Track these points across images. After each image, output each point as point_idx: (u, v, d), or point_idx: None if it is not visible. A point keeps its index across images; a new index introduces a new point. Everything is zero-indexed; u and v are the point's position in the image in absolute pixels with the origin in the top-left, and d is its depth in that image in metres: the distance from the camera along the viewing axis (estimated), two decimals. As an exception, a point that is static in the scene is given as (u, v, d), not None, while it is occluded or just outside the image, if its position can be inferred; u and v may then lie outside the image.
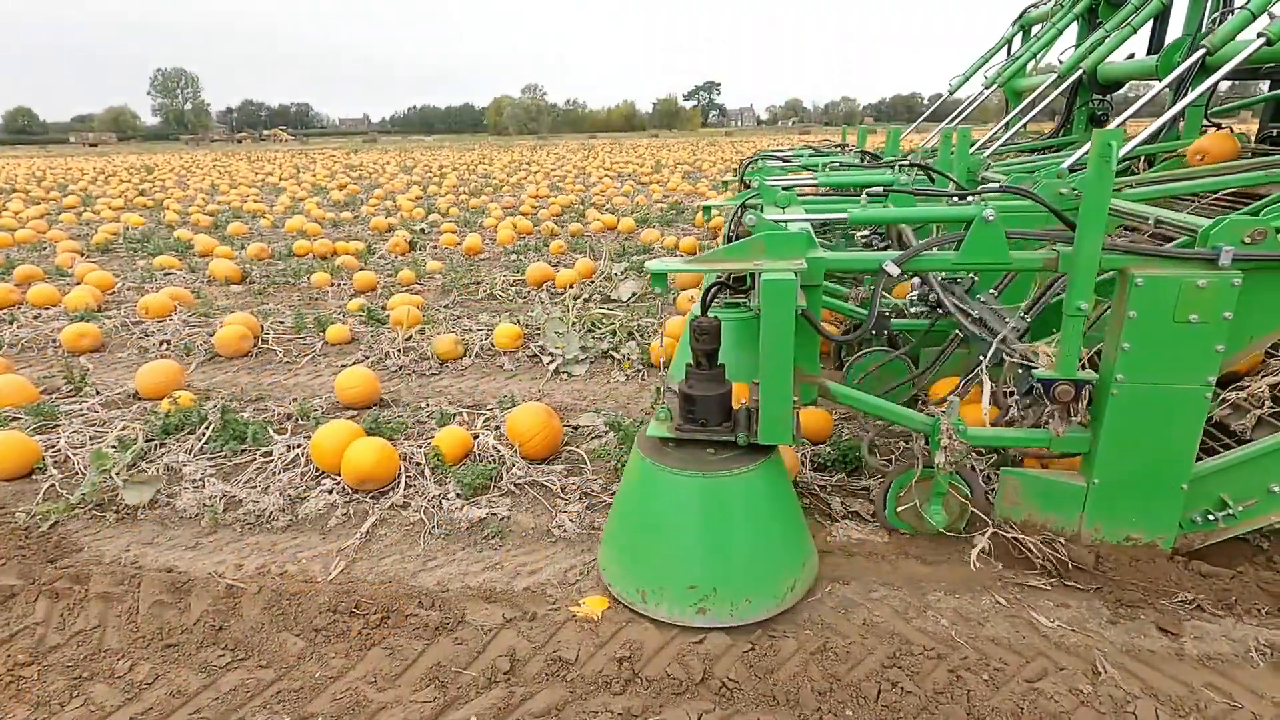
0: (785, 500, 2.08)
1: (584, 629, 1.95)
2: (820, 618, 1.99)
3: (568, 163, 24.81)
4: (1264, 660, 1.79)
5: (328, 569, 2.27)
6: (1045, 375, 2.01)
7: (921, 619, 1.97)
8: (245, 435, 3.10)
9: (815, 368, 2.24)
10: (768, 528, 2.01)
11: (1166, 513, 2.06)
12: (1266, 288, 1.90)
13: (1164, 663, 1.80)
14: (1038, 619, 1.95)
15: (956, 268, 2.10)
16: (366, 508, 2.62)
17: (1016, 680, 1.75)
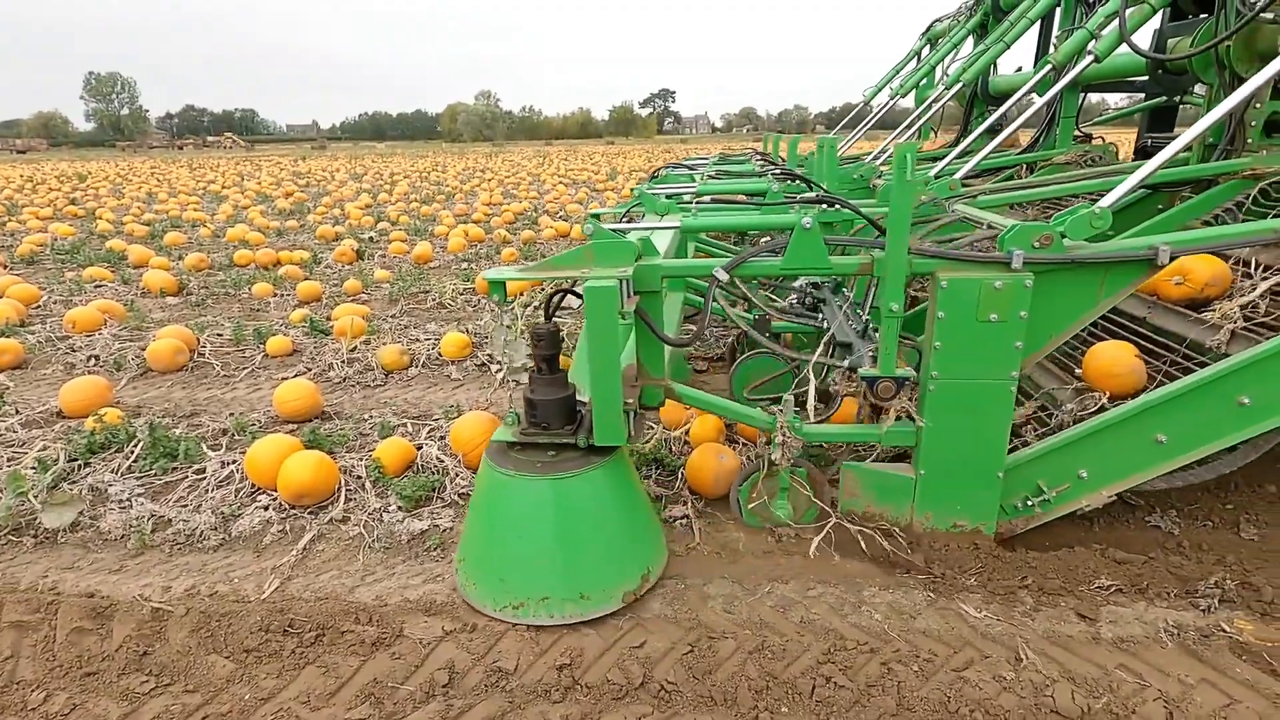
0: (625, 499, 2.12)
1: (525, 638, 1.94)
2: (759, 616, 2.02)
3: (522, 170, 24.68)
4: (1172, 641, 1.89)
5: (261, 588, 2.21)
6: (869, 373, 2.13)
7: (856, 614, 2.02)
8: (176, 452, 2.99)
9: (660, 371, 2.32)
10: (605, 526, 2.06)
11: (986, 500, 2.19)
12: (1057, 288, 2.04)
13: (1081, 647, 1.88)
14: (966, 610, 2.02)
15: (782, 272, 2.18)
16: (304, 523, 2.56)
17: (945, 670, 1.81)
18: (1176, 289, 2.51)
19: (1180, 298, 2.53)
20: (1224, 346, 2.24)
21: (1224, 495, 2.61)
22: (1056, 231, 1.99)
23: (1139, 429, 2.11)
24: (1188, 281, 2.46)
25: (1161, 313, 2.61)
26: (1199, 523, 2.46)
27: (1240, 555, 2.24)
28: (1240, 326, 2.23)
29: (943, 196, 3.07)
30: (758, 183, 4.07)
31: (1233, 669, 1.79)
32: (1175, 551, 2.29)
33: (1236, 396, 2.02)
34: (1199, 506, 2.54)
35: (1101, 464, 2.16)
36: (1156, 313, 2.63)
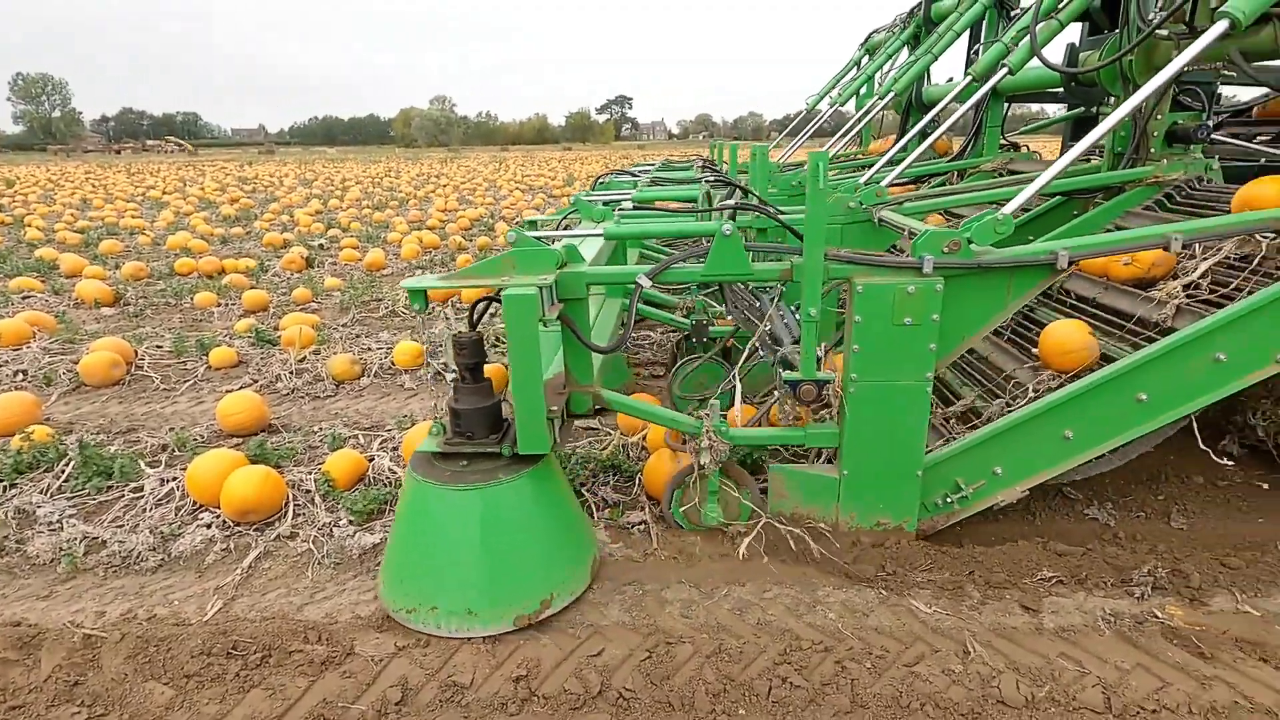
0: (551, 507, 2.12)
1: (480, 650, 1.91)
2: (716, 619, 2.03)
3: (478, 175, 24.44)
4: (1109, 628, 1.97)
5: (203, 609, 2.12)
6: (791, 377, 2.18)
7: (812, 614, 2.05)
8: (111, 470, 2.86)
9: (588, 377, 2.34)
10: (531, 535, 2.05)
11: (907, 498, 2.26)
12: (968, 291, 2.12)
13: (1025, 638, 1.95)
14: (916, 606, 2.06)
15: (704, 278, 2.21)
16: (249, 541, 2.47)
17: (897, 666, 1.85)
18: (1125, 269, 2.61)
19: (1129, 277, 2.64)
20: (1169, 321, 2.34)
21: (1155, 487, 2.74)
22: (964, 237, 2.06)
23: (1048, 426, 2.19)
24: (1135, 262, 2.56)
25: (1112, 292, 2.72)
26: (1133, 514, 2.57)
27: (1171, 544, 2.35)
28: (1184, 303, 2.33)
29: (869, 203, 3.16)
30: (693, 189, 4.10)
31: (1165, 653, 1.87)
32: (1111, 542, 2.38)
33: (1135, 393, 2.13)
34: (1133, 498, 2.66)
35: (1015, 460, 2.24)
36: (1107, 292, 2.74)
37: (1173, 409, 2.14)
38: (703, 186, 3.98)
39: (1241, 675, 1.79)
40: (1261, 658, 1.84)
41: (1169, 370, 2.11)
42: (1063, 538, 2.37)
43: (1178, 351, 2.09)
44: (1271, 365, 2.08)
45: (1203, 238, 2.16)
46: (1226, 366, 2.09)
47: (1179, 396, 2.13)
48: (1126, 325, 2.47)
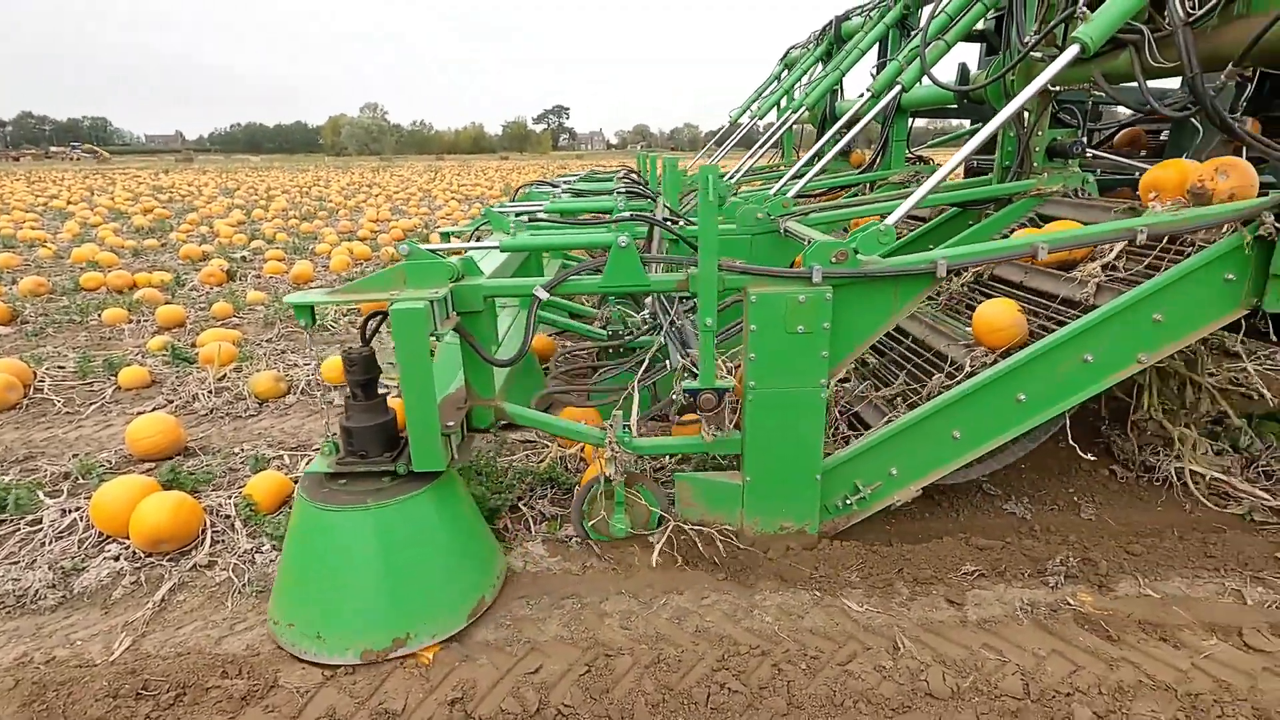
0: (451, 524, 2.08)
1: (413, 675, 1.85)
2: (655, 629, 2.03)
3: (413, 185, 23.92)
4: (1027, 617, 2.07)
5: (110, 648, 1.98)
6: (690, 385, 2.21)
7: (749, 619, 2.08)
8: (5, 503, 2.64)
9: (489, 391, 2.33)
10: (432, 552, 2.01)
11: (807, 502, 2.32)
12: (856, 299, 2.20)
13: (951, 631, 2.02)
14: (849, 605, 2.12)
15: (601, 290, 2.25)
16: (162, 572, 2.33)
17: (831, 665, 1.89)
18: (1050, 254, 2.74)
19: (1051, 261, 2.76)
20: (1091, 299, 2.46)
21: (1067, 481, 2.90)
22: (851, 248, 2.14)
23: (938, 427, 2.29)
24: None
25: (1036, 275, 2.85)
26: (1047, 507, 2.72)
27: (1081, 534, 2.49)
28: (1103, 281, 2.46)
29: (776, 214, 3.25)
30: (605, 201, 4.12)
31: (1077, 638, 1.98)
32: (1028, 535, 2.51)
33: (1015, 394, 2.25)
34: (1046, 492, 2.81)
35: (909, 461, 2.33)
36: (1032, 275, 2.87)
37: (1049, 408, 2.27)
38: (616, 198, 4.01)
39: (1145, 655, 1.91)
40: (1161, 638, 1.97)
41: (1044, 371, 2.23)
42: (984, 533, 2.48)
43: (1051, 354, 2.22)
44: (1134, 364, 2.23)
45: (1064, 246, 2.30)
46: (1094, 367, 2.22)
47: (1054, 396, 2.26)
48: (1051, 305, 2.60)
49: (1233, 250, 2.14)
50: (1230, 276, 2.16)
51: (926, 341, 2.94)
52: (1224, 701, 1.73)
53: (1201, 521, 2.55)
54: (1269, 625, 2.00)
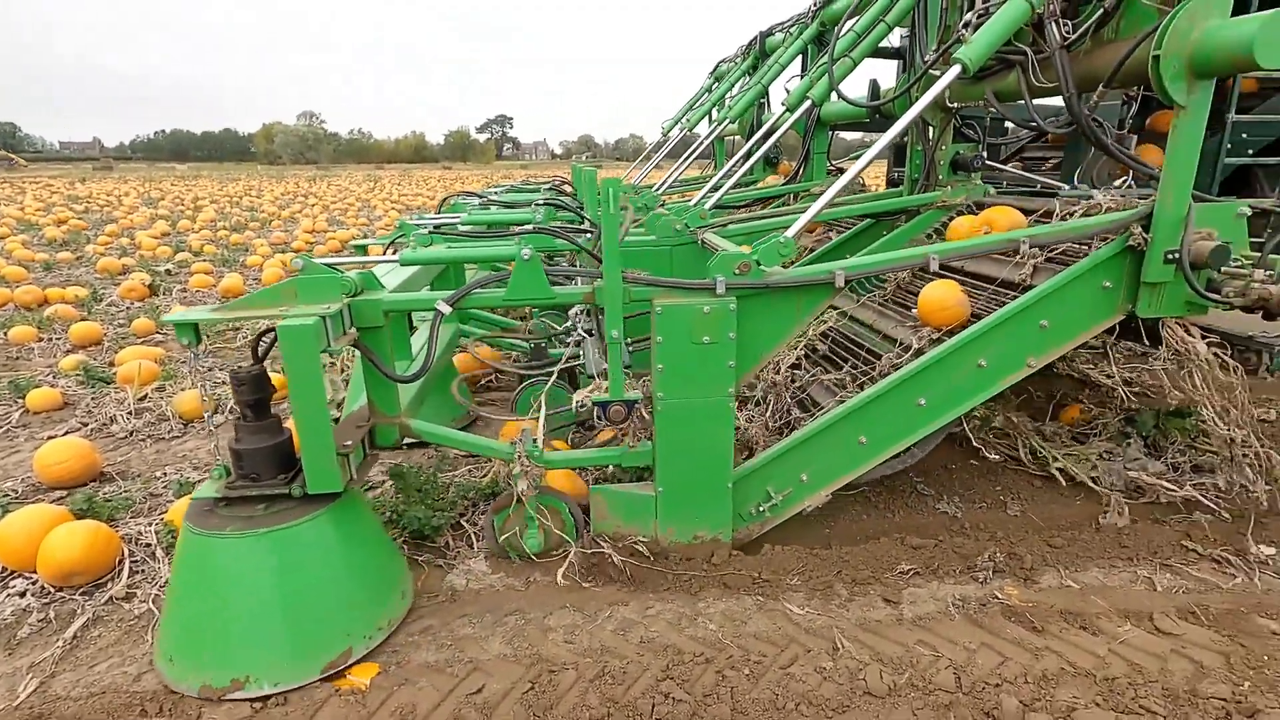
0: (353, 546, 2.02)
1: (349, 702, 1.79)
2: (600, 642, 2.02)
3: (351, 195, 23.32)
4: (958, 613, 2.15)
5: (14, 692, 1.84)
6: (600, 398, 2.22)
7: (693, 626, 2.09)
8: (-107, 539, 2.43)
9: (393, 408, 2.29)
10: (332, 577, 1.94)
11: (720, 510, 2.35)
12: (761, 309, 2.26)
13: (888, 629, 2.08)
14: (790, 609, 2.16)
15: (506, 303, 2.24)
16: (74, 607, 2.18)
17: (774, 669, 1.91)
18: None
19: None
20: (1029, 279, 2.54)
21: (995, 479, 3.03)
22: (753, 260, 2.19)
23: (845, 432, 2.36)
24: (994, 230, 2.80)
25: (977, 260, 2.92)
26: (976, 505, 2.83)
27: (1007, 530, 2.61)
28: (1040, 263, 2.55)
29: (695, 225, 3.30)
30: (527, 213, 4.09)
31: (1004, 630, 2.06)
32: (959, 533, 2.61)
33: (916, 399, 2.34)
34: (976, 491, 2.93)
35: (818, 466, 2.39)
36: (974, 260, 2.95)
37: (949, 411, 2.37)
38: (535, 210, 3.98)
39: (1066, 644, 2.00)
40: (1081, 626, 2.07)
41: (941, 377, 2.33)
42: (918, 532, 2.57)
43: (948, 360, 2.32)
44: (1024, 368, 2.35)
45: (953, 257, 2.39)
46: (988, 371, 2.34)
47: (952, 400, 2.36)
48: (990, 286, 2.70)
49: (1108, 260, 2.28)
50: (1107, 284, 2.31)
51: (875, 325, 3.04)
52: (1137, 684, 1.84)
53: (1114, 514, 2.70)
54: (1176, 610, 2.13)
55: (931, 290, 2.65)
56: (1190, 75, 2.02)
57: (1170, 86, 2.02)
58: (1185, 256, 2.15)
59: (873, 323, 3.05)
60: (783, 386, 2.78)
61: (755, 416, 2.83)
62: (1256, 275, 2.07)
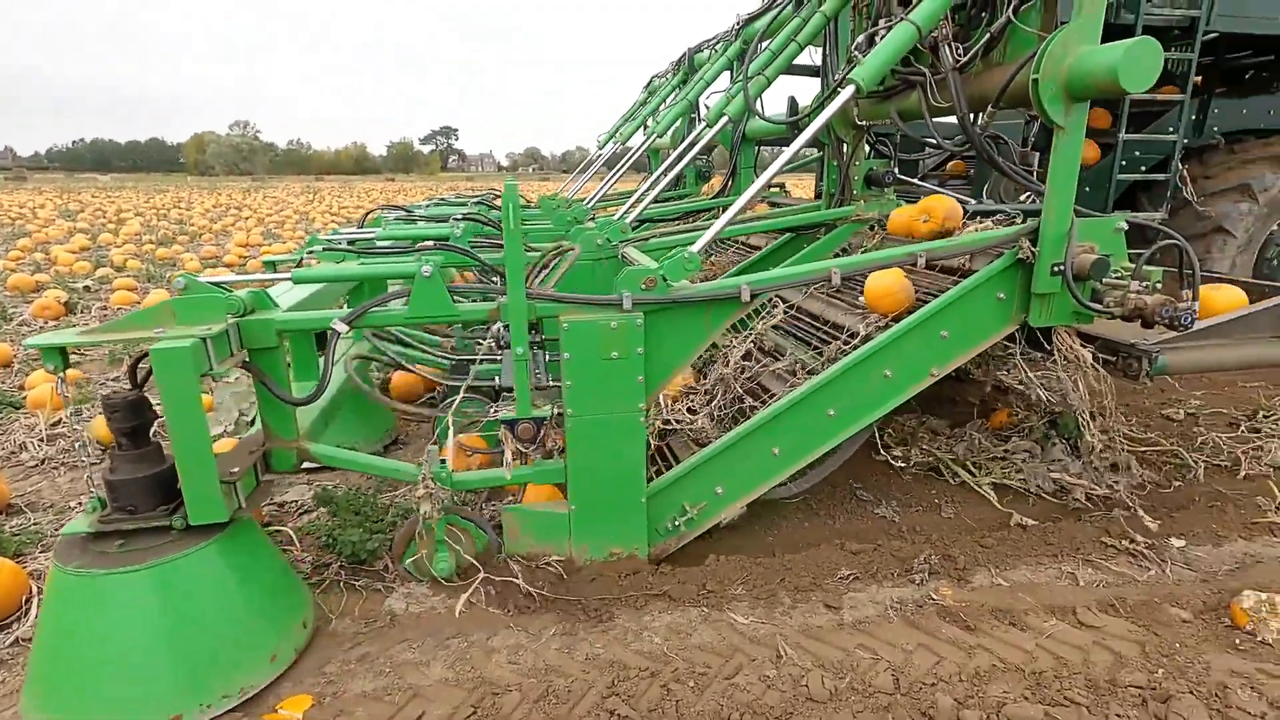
0: (245, 577, 1.95)
1: (279, 738, 1.71)
2: (544, 661, 1.99)
3: (289, 207, 22.61)
4: (896, 615, 2.20)
5: (-95, 745, 1.70)
6: (508, 416, 2.20)
7: (639, 641, 2.08)
8: None
9: (290, 431, 2.24)
10: (222, 611, 1.86)
11: (635, 526, 2.34)
12: (669, 324, 2.28)
13: (829, 634, 2.12)
14: (735, 619, 2.17)
15: (408, 321, 2.21)
16: (-26, 651, 2.03)
17: (718, 680, 1.92)
18: (925, 225, 2.95)
19: (929, 232, 2.96)
20: (968, 264, 2.64)
21: (930, 483, 3.13)
22: (659, 275, 2.21)
23: (759, 443, 2.39)
24: (932, 219, 2.91)
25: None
26: (912, 509, 2.92)
27: (942, 532, 2.70)
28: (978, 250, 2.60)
29: (616, 239, 3.31)
30: (441, 228, 3.99)
31: (940, 630, 2.13)
32: (897, 536, 2.68)
33: (826, 409, 2.40)
34: (912, 495, 3.02)
35: (734, 479, 2.41)
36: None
37: (858, 420, 2.44)
38: (455, 225, 3.90)
39: (997, 640, 2.08)
40: (1011, 623, 2.16)
41: (850, 387, 2.40)
42: (857, 537, 2.63)
43: (856, 370, 2.38)
44: (928, 377, 2.44)
45: (855, 271, 2.46)
46: (894, 381, 2.42)
47: (861, 410, 2.43)
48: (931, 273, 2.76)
49: (1001, 272, 2.40)
50: (1001, 296, 2.42)
51: (824, 315, 3.11)
52: (1063, 676, 1.92)
53: (1041, 513, 2.83)
54: (1097, 603, 2.24)
55: (877, 279, 2.73)
56: (1067, 98, 2.14)
57: (1049, 108, 2.14)
58: (1069, 269, 2.28)
59: (821, 313, 3.12)
60: (732, 377, 2.80)
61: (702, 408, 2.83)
62: (1132, 286, 2.21)
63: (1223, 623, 2.14)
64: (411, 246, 3.32)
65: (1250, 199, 4.32)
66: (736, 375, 2.83)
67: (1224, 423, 3.67)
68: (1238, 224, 4.34)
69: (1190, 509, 2.82)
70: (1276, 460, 3.18)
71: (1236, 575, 2.40)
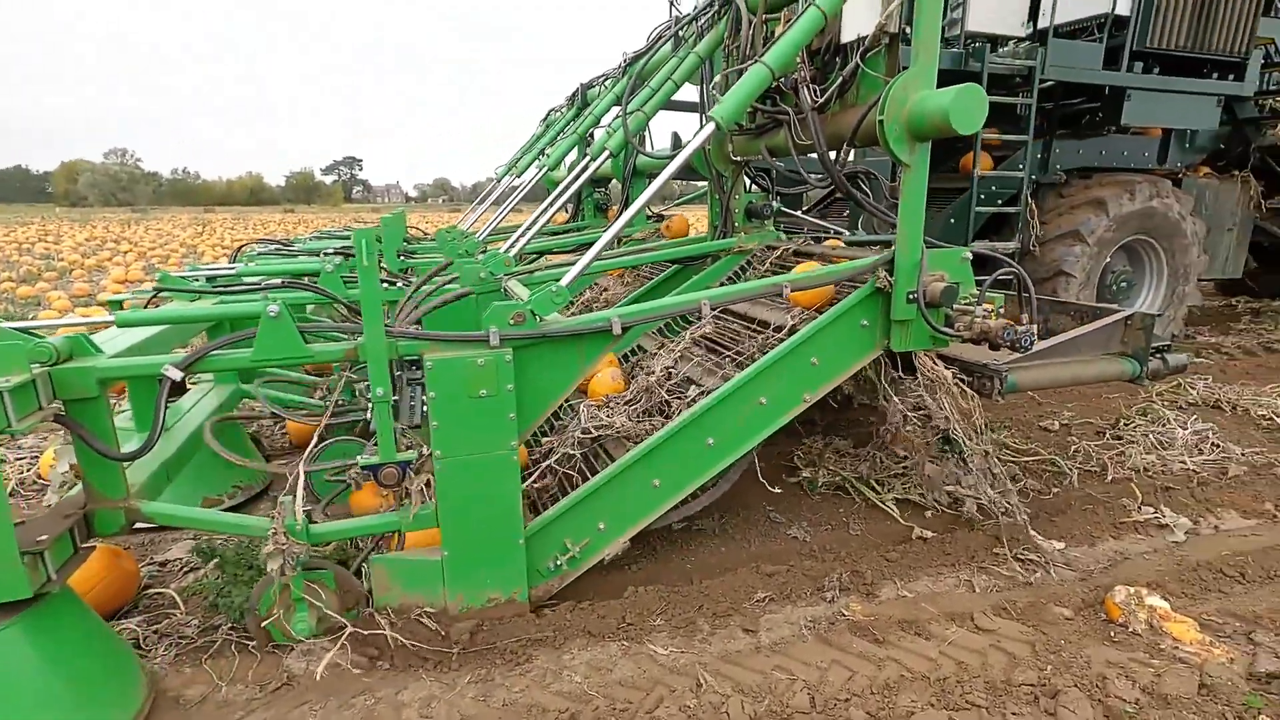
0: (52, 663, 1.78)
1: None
2: (459, 711, 1.91)
3: (174, 240, 21.17)
4: (810, 634, 2.25)
5: None
6: (369, 461, 2.08)
7: (559, 681, 2.03)
8: None
9: (117, 490, 2.08)
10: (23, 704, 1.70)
11: (513, 569, 2.26)
12: (542, 359, 2.26)
13: (747, 659, 2.14)
14: (655, 650, 2.16)
15: (254, 365, 2.08)
16: None
17: (640, 715, 1.89)
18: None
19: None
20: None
21: (838, 502, 3.25)
22: (528, 310, 2.19)
23: (639, 476, 2.36)
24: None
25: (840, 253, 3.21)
26: (823, 528, 3.01)
27: (851, 549, 2.79)
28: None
29: (499, 272, 3.26)
30: (311, 262, 3.82)
31: (851, 646, 2.19)
32: (809, 556, 2.75)
33: (705, 439, 2.41)
34: (822, 514, 3.12)
35: (615, 513, 2.37)
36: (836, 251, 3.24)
37: (737, 448, 2.47)
38: (323, 260, 3.72)
39: (904, 651, 2.16)
40: (916, 633, 2.25)
41: (727, 416, 2.43)
42: (772, 559, 2.68)
43: (732, 399, 2.41)
44: (801, 403, 2.52)
45: (723, 302, 2.55)
46: (769, 408, 2.47)
47: (739, 437, 2.46)
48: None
49: (863, 301, 2.52)
50: (865, 323, 2.54)
51: (749, 314, 3.16)
52: (964, 681, 2.02)
53: (939, 525, 2.99)
54: (992, 607, 2.37)
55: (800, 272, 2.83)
56: (910, 138, 2.32)
57: (895, 147, 2.32)
58: (921, 297, 2.44)
59: (746, 311, 3.17)
60: (657, 384, 2.80)
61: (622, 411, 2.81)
62: (977, 312, 2.40)
63: (1099, 617, 2.32)
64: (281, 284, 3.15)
65: (1082, 242, 4.84)
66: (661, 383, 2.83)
67: (1092, 431, 4.01)
68: (1075, 265, 4.86)
69: (1068, 513, 3.05)
70: (1137, 464, 3.51)
71: (1109, 572, 2.61)
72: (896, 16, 2.39)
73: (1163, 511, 3.02)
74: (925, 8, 2.25)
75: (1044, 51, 4.52)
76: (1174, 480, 3.35)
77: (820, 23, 2.49)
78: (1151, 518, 3.00)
